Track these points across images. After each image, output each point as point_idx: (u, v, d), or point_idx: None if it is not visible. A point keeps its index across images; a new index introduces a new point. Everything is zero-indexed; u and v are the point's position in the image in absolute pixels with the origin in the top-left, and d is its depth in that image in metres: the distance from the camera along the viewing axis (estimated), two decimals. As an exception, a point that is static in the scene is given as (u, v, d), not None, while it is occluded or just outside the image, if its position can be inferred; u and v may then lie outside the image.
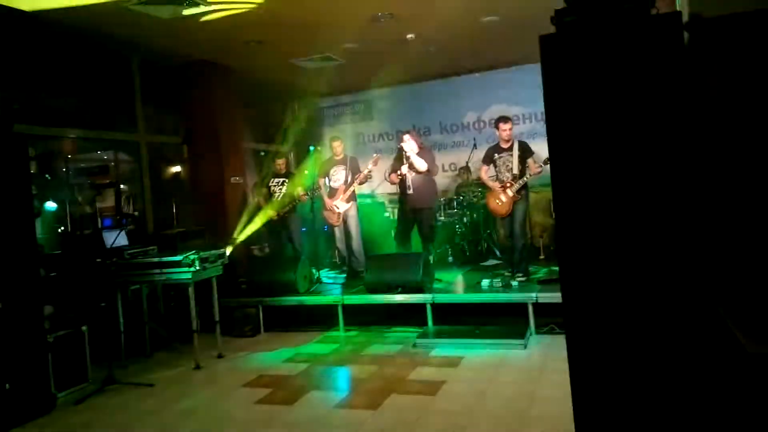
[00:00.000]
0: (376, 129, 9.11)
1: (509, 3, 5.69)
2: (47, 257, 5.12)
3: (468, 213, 7.50)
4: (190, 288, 4.92)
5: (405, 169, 6.29)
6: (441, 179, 8.00)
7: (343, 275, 7.03)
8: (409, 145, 6.29)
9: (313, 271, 6.75)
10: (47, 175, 6.07)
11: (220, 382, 4.61)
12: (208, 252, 5.11)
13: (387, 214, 8.47)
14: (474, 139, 8.15)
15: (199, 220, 7.15)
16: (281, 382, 4.48)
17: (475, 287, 5.76)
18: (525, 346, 4.78)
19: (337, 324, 5.83)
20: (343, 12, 5.59)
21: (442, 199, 7.60)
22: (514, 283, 5.61)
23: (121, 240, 5.37)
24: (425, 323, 5.51)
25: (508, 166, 5.83)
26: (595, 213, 2.24)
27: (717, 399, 2.06)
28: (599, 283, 2.25)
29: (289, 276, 6.14)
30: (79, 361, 4.61)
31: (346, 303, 5.82)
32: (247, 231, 6.86)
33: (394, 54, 7.19)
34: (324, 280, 6.93)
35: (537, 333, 5.08)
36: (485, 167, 6.05)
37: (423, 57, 7.48)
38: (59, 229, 5.81)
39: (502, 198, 5.81)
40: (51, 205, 5.70)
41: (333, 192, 6.83)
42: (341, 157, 6.92)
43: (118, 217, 5.99)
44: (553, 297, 4.92)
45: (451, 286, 6.06)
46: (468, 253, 7.52)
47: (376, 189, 8.40)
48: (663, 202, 2.15)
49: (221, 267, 5.25)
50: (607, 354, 2.24)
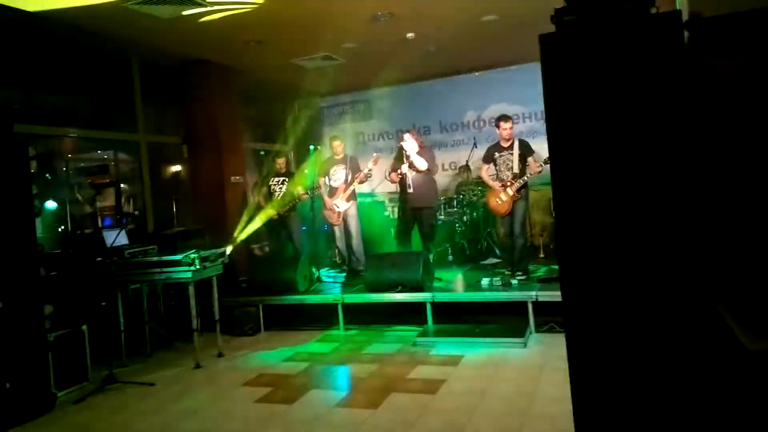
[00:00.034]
0: (376, 128, 9.11)
1: (509, 2, 5.69)
2: (47, 256, 5.12)
3: (468, 212, 7.50)
4: (190, 287, 4.93)
5: (405, 168, 6.30)
6: (441, 178, 8.00)
7: (343, 274, 7.03)
8: (410, 144, 6.29)
9: (313, 270, 6.76)
10: (47, 175, 6.07)
11: (221, 381, 4.62)
12: (209, 251, 5.13)
13: (387, 213, 8.47)
14: (474, 138, 8.15)
15: (199, 219, 7.17)
16: (281, 381, 4.48)
17: (475, 286, 5.77)
18: (525, 344, 4.78)
19: (337, 323, 5.83)
20: (343, 11, 5.59)
21: (442, 198, 7.60)
22: (514, 281, 5.61)
23: (122, 239, 5.38)
24: (425, 322, 5.51)
25: (508, 165, 5.84)
26: (595, 212, 2.24)
27: (717, 397, 2.07)
28: (599, 281, 2.25)
29: (289, 275, 6.15)
30: (80, 361, 4.61)
31: (346, 302, 5.82)
32: (247, 230, 6.87)
33: (394, 53, 7.19)
34: (324, 279, 6.93)
35: (537, 331, 5.09)
36: (486, 166, 6.07)
37: (423, 56, 7.49)
38: (59, 229, 5.81)
39: (503, 197, 5.82)
40: (51, 204, 5.71)
41: (333, 191, 6.83)
42: (341, 156, 6.93)
43: (118, 216, 5.99)
44: (552, 295, 4.93)
45: (451, 284, 6.06)
46: (468, 252, 7.52)
47: (376, 188, 8.40)
48: (662, 200, 2.15)
49: (221, 266, 5.26)
50: (607, 352, 2.25)
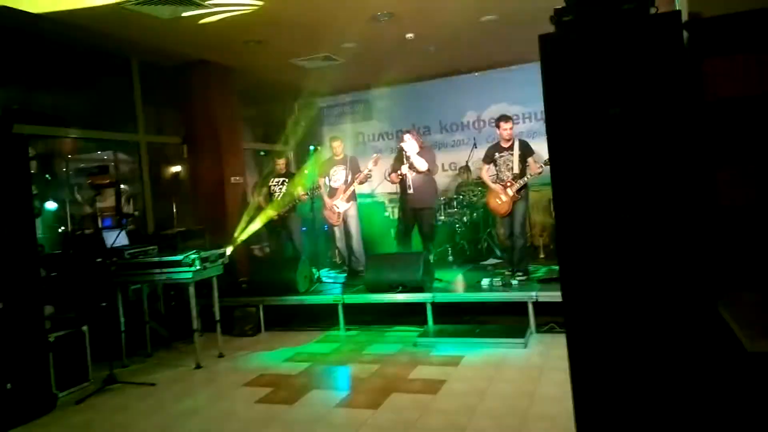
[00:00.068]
0: (375, 129, 9.11)
1: (508, 2, 5.69)
2: (48, 257, 5.13)
3: (468, 212, 7.50)
4: (190, 287, 4.93)
5: (405, 168, 6.30)
6: (441, 178, 8.00)
7: (344, 275, 7.03)
8: (410, 144, 6.29)
9: (314, 270, 6.76)
10: (47, 175, 6.08)
11: (221, 382, 4.62)
12: (209, 252, 5.13)
13: (387, 214, 8.47)
14: (474, 138, 8.15)
15: (199, 220, 7.18)
16: (282, 381, 4.48)
17: (475, 286, 5.76)
18: (525, 345, 4.78)
19: (338, 323, 5.83)
20: (343, 12, 5.59)
21: (441, 198, 7.60)
22: (514, 282, 5.61)
23: (122, 240, 5.38)
24: (425, 322, 5.51)
25: (508, 165, 5.83)
26: (595, 212, 2.25)
27: (717, 397, 2.07)
28: (599, 281, 2.25)
29: (290, 275, 6.14)
30: (80, 361, 4.61)
31: (346, 302, 5.82)
32: (248, 231, 6.87)
33: (394, 54, 7.20)
34: (324, 280, 6.93)
35: (537, 332, 5.09)
36: (486, 166, 6.05)
37: (422, 56, 7.49)
38: (59, 229, 5.81)
39: (503, 197, 5.81)
40: (51, 205, 5.71)
41: (333, 192, 6.83)
42: (341, 156, 6.93)
43: (118, 216, 5.99)
44: (553, 296, 4.92)
45: (451, 285, 6.06)
46: (468, 253, 7.52)
47: (376, 189, 8.40)
48: (662, 201, 2.15)
49: (222, 266, 5.26)
50: (608, 353, 2.25)
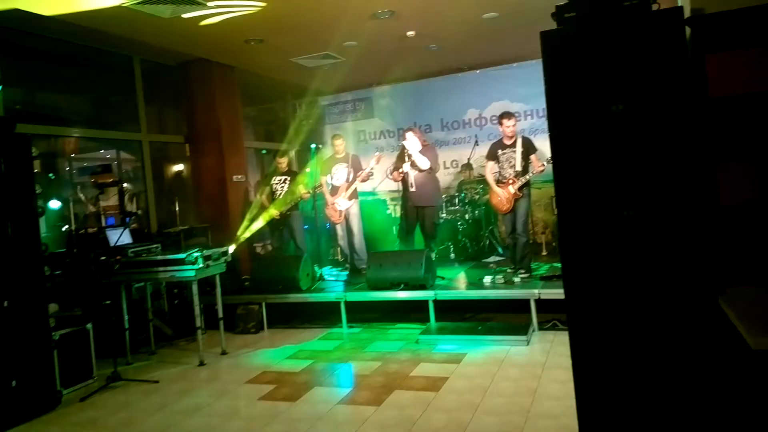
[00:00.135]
0: (377, 127, 9.10)
1: (510, -1, 5.69)
2: (52, 256, 5.14)
3: (470, 210, 7.50)
4: (193, 285, 4.95)
5: (407, 167, 6.30)
6: (443, 176, 7.99)
7: (346, 272, 7.04)
8: (412, 142, 6.29)
9: (316, 268, 6.77)
10: (51, 174, 6.10)
11: (224, 379, 4.64)
12: (212, 250, 5.14)
13: (389, 212, 8.48)
14: (476, 135, 8.15)
15: (202, 218, 7.20)
16: (285, 378, 4.50)
17: (477, 284, 5.77)
18: (527, 342, 4.79)
19: (340, 321, 5.84)
20: (343, 10, 5.59)
21: (443, 195, 7.60)
22: (517, 279, 5.61)
23: (125, 238, 5.40)
24: (428, 320, 5.52)
25: (511, 163, 5.79)
26: (598, 209, 2.25)
27: (720, 395, 2.07)
28: (602, 279, 2.26)
29: (292, 273, 6.15)
30: (84, 359, 4.64)
31: (348, 300, 5.83)
32: (250, 229, 6.88)
33: (395, 51, 7.19)
34: (326, 278, 6.94)
35: (539, 329, 5.10)
36: (490, 163, 5.99)
37: (423, 54, 7.48)
38: (63, 228, 5.83)
39: (504, 194, 5.81)
40: (55, 204, 5.73)
41: (335, 190, 6.84)
42: (343, 155, 6.93)
43: (121, 215, 6.01)
44: (555, 293, 4.93)
45: (453, 282, 6.06)
46: (470, 250, 7.52)
47: (378, 187, 8.41)
48: (664, 197, 2.16)
49: (224, 264, 5.27)
50: (610, 350, 2.26)
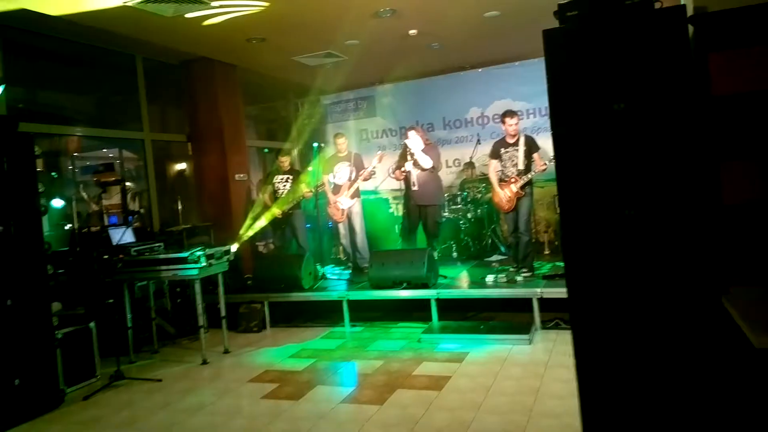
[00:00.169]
0: (379, 125, 9.10)
1: (512, -2, 5.68)
2: (55, 254, 5.15)
3: (472, 208, 7.49)
4: (196, 284, 4.96)
5: (409, 165, 6.29)
6: (445, 175, 7.98)
7: (348, 271, 7.04)
8: (414, 141, 6.29)
9: (318, 267, 6.77)
10: (54, 173, 6.10)
11: (227, 378, 4.64)
12: (214, 248, 5.15)
13: (391, 211, 8.47)
14: (478, 134, 8.14)
15: (204, 217, 7.21)
16: (287, 377, 4.50)
17: (479, 283, 5.76)
18: (530, 341, 4.78)
19: (343, 320, 5.84)
20: (345, 9, 5.58)
21: (445, 194, 7.59)
22: (519, 278, 5.60)
23: (128, 237, 5.41)
24: (430, 319, 5.52)
25: (513, 161, 5.77)
26: (600, 208, 2.24)
27: (724, 394, 2.07)
28: (604, 277, 2.25)
29: (294, 272, 6.16)
30: (87, 357, 4.65)
31: (351, 299, 5.84)
32: (253, 228, 6.89)
33: (397, 50, 7.19)
34: (329, 277, 6.94)
35: (542, 328, 5.09)
36: (493, 162, 5.94)
37: (425, 53, 7.47)
38: (66, 227, 5.84)
39: (507, 193, 5.80)
40: (58, 202, 5.74)
41: (337, 188, 6.84)
42: (345, 153, 6.93)
43: (124, 214, 6.02)
44: (558, 292, 4.92)
45: (455, 281, 6.06)
46: (472, 249, 7.52)
47: (380, 185, 8.41)
48: (667, 196, 2.15)
49: (227, 263, 5.28)
50: (613, 349, 2.25)
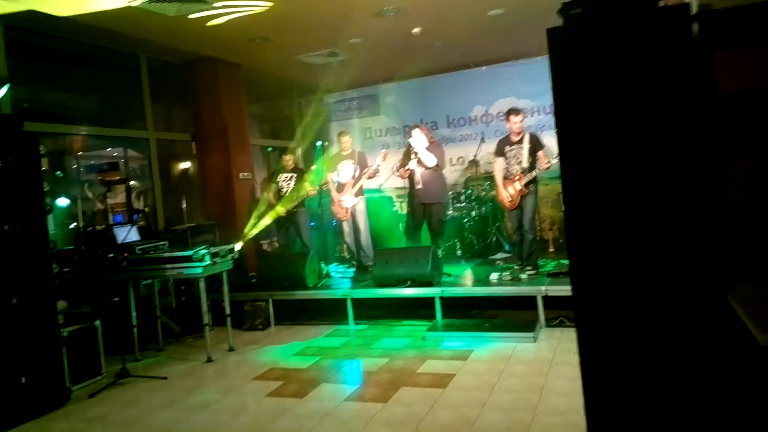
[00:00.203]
0: (383, 124, 9.11)
1: (516, -4, 5.67)
2: (60, 253, 5.17)
3: (476, 206, 7.49)
4: (201, 282, 4.97)
5: (414, 164, 6.29)
6: (449, 173, 7.99)
7: (352, 269, 7.06)
8: (418, 139, 6.28)
9: (322, 265, 6.78)
10: (58, 172, 6.13)
11: (231, 375, 4.66)
12: (219, 247, 5.17)
13: (395, 209, 8.48)
14: (482, 132, 8.14)
15: (208, 215, 7.23)
16: (292, 375, 4.52)
17: (484, 281, 5.75)
18: (534, 339, 4.78)
19: (347, 318, 5.86)
20: (349, 8, 5.58)
21: (449, 192, 7.59)
22: (524, 276, 5.60)
23: (133, 235, 5.43)
24: (434, 317, 5.53)
25: (518, 159, 5.75)
26: (605, 206, 2.24)
27: (729, 393, 2.06)
28: (609, 275, 2.25)
29: (299, 270, 6.17)
30: (93, 355, 4.68)
31: (355, 297, 5.84)
32: (257, 226, 6.91)
33: (401, 49, 7.18)
34: (333, 275, 6.96)
35: (547, 326, 5.09)
36: (498, 160, 5.91)
37: (429, 51, 7.47)
38: (71, 226, 5.87)
39: (510, 191, 5.79)
40: (63, 201, 5.77)
41: (341, 187, 6.84)
42: (349, 152, 6.94)
43: (128, 212, 6.04)
44: (562, 290, 4.91)
45: (460, 279, 6.06)
46: (477, 247, 7.51)
47: (384, 184, 8.42)
48: (673, 193, 2.15)
49: (231, 261, 5.30)
50: (618, 347, 2.25)
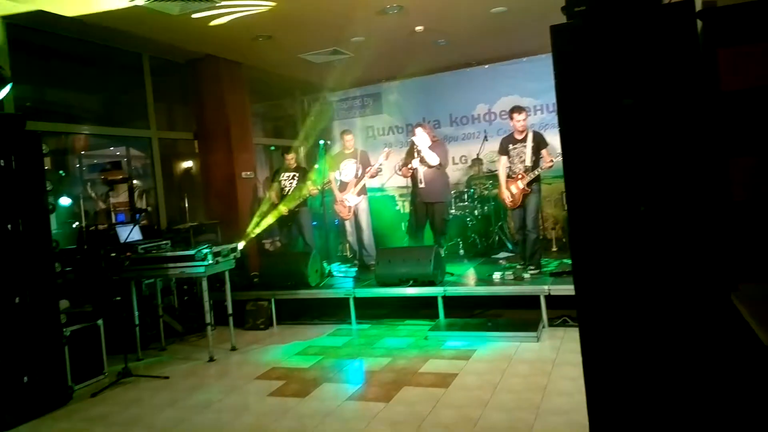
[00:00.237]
0: (386, 122, 9.09)
1: (519, -7, 5.65)
2: (63, 252, 5.18)
3: (479, 205, 7.47)
4: (203, 282, 4.97)
5: (416, 163, 6.28)
6: (452, 172, 7.96)
7: (354, 269, 7.05)
8: (421, 138, 6.27)
9: (324, 264, 6.77)
10: (61, 171, 6.14)
11: (234, 375, 4.66)
12: (221, 246, 5.17)
13: (397, 208, 8.47)
14: (485, 131, 8.12)
15: (211, 214, 7.23)
16: (294, 374, 4.51)
17: (486, 280, 5.74)
18: (537, 338, 4.76)
19: (349, 317, 5.85)
20: (352, 6, 5.57)
21: (452, 191, 7.57)
22: (526, 275, 5.58)
23: (135, 235, 5.43)
24: (437, 316, 5.51)
25: (521, 158, 5.71)
26: (608, 204, 2.23)
27: (733, 392, 2.05)
28: (612, 275, 2.24)
29: (301, 270, 6.17)
30: (95, 354, 4.68)
31: (357, 296, 5.84)
32: (259, 225, 6.90)
33: (403, 47, 7.17)
34: (335, 274, 6.94)
35: (549, 326, 5.07)
36: (503, 158, 5.86)
37: (432, 49, 7.45)
38: (74, 225, 5.88)
39: (513, 189, 5.77)
40: (65, 200, 5.77)
41: (343, 186, 6.83)
42: (351, 150, 6.92)
43: (131, 212, 6.05)
44: (565, 289, 4.90)
45: (462, 279, 6.04)
46: (479, 246, 7.50)
47: (386, 183, 8.41)
48: (676, 192, 2.13)
49: (234, 261, 5.29)
50: (621, 346, 2.24)
